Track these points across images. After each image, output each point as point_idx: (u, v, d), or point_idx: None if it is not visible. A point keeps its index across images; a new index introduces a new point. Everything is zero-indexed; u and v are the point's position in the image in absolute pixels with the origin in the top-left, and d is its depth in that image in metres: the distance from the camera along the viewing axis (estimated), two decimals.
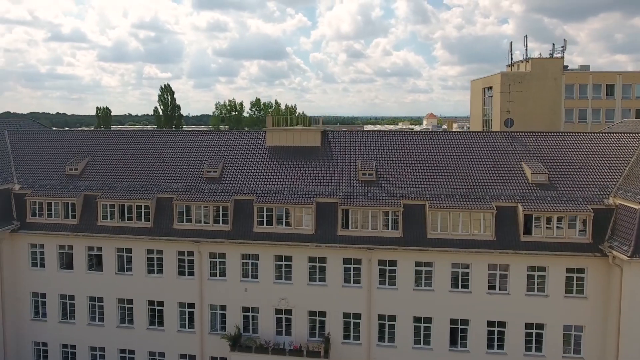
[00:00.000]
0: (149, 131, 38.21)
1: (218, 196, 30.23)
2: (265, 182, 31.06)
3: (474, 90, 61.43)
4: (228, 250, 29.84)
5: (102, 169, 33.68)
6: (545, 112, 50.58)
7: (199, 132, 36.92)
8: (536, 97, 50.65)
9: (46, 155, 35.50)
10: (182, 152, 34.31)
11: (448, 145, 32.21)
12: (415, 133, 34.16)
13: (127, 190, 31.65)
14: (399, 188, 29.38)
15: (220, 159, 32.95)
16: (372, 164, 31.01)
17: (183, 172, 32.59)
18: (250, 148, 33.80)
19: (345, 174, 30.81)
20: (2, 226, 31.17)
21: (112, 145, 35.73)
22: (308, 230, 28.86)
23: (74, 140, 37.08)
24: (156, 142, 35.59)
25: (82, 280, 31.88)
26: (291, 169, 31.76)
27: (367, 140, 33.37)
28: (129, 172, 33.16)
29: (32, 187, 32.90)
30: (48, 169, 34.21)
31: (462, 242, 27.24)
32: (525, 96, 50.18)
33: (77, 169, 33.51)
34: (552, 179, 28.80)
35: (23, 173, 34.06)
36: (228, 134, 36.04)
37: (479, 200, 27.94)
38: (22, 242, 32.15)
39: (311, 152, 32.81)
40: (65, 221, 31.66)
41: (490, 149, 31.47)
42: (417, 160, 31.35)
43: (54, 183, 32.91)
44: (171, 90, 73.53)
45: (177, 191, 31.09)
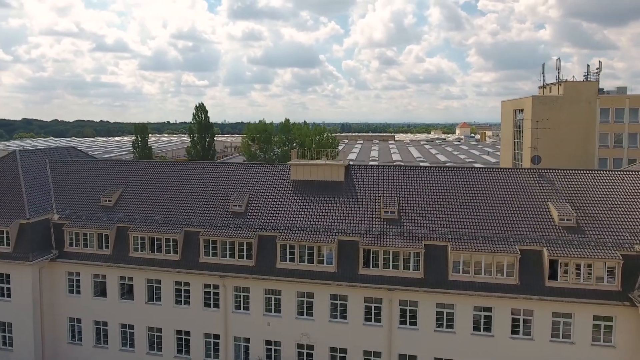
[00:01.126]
0: (179, 163, 39.07)
1: (243, 232, 30.65)
2: (288, 218, 31.28)
3: (504, 111, 59.90)
4: (252, 285, 30.20)
5: (134, 201, 34.74)
6: (578, 137, 48.80)
7: (226, 165, 37.59)
8: (569, 121, 48.95)
9: (83, 184, 36.90)
10: (210, 184, 34.98)
11: (472, 182, 31.56)
12: (439, 169, 33.61)
13: (157, 223, 32.53)
14: (421, 227, 28.99)
15: (245, 193, 33.41)
16: (395, 201, 30.73)
17: (210, 205, 33.22)
18: (275, 182, 34.12)
19: (367, 211, 30.65)
20: (42, 255, 32.65)
21: (144, 177, 36.79)
22: (330, 268, 28.89)
23: (109, 170, 38.39)
24: (185, 174, 36.40)
25: (114, 307, 32.93)
26: (314, 204, 31.86)
27: (390, 175, 33.08)
28: (159, 204, 34.06)
29: (69, 217, 34.28)
30: (85, 199, 35.54)
31: (485, 286, 26.60)
32: (558, 119, 48.66)
33: (111, 200, 34.70)
34: (580, 222, 27.77)
35: (61, 203, 35.52)
36: (254, 166, 36.46)
37: (503, 243, 27.23)
38: (60, 270, 33.50)
39: (334, 187, 32.82)
40: (99, 251, 32.84)
41: (516, 188, 30.64)
42: (441, 197, 30.86)
43: (90, 214, 34.18)
44: (205, 109, 75.08)
45: (204, 225, 31.74)
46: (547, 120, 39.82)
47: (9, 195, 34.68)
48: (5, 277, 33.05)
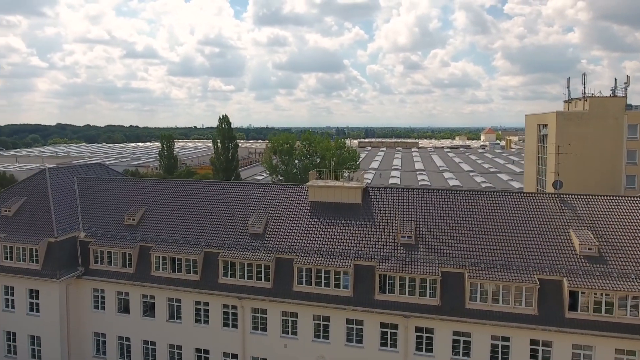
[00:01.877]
0: (200, 182, 39.67)
1: (261, 254, 30.90)
2: (305, 240, 31.37)
3: (528, 125, 58.67)
4: (269, 307, 30.38)
5: (156, 220, 35.42)
6: (605, 154, 47.38)
7: (245, 185, 37.91)
8: (595, 137, 47.60)
9: (109, 202, 37.82)
10: (230, 204, 35.40)
11: (491, 207, 31.00)
12: (457, 192, 33.06)
13: (178, 243, 33.09)
14: (438, 253, 28.67)
15: (264, 214, 33.67)
16: (412, 225, 30.47)
17: (229, 225, 33.60)
18: (293, 203, 34.28)
19: (384, 235, 30.48)
20: (69, 272, 33.62)
21: (167, 195, 37.47)
22: (346, 292, 28.84)
23: (133, 188, 39.26)
24: (206, 193, 36.92)
25: (137, 324, 33.62)
26: (331, 226, 31.87)
27: (408, 198, 32.80)
28: (181, 223, 34.63)
29: (95, 235, 35.19)
30: (110, 217, 36.43)
31: (503, 315, 26.11)
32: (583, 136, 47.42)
33: (135, 219, 35.47)
34: (603, 251, 26.99)
35: (88, 221, 36.50)
36: (273, 187, 36.74)
37: (522, 271, 26.68)
38: (86, 286, 34.40)
39: (352, 209, 32.76)
40: (123, 269, 33.61)
41: (537, 213, 29.95)
42: (458, 221, 30.44)
43: (114, 232, 35.02)
44: (228, 121, 76.08)
45: (223, 246, 32.13)
46: (569, 145, 38.67)
47: (39, 213, 35.84)
48: (34, 293, 34.14)
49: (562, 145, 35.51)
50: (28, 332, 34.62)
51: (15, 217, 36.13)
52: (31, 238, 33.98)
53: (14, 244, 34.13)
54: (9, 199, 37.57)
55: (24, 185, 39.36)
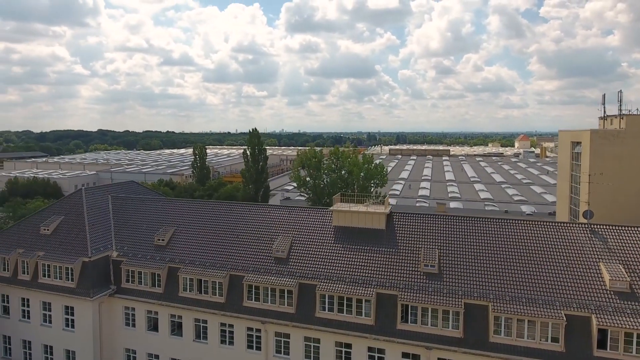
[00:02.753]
0: (227, 204, 40.14)
1: (284, 279, 31.11)
2: (329, 266, 31.39)
3: (562, 141, 56.74)
4: (292, 332, 30.53)
5: (185, 241, 36.20)
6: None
7: (271, 207, 38.20)
8: (632, 156, 45.60)
9: (140, 222, 38.93)
10: (256, 226, 35.81)
11: (518, 235, 30.22)
12: (482, 220, 32.30)
13: (204, 265, 33.71)
14: (462, 284, 28.13)
15: (288, 237, 33.90)
16: (435, 253, 30.04)
17: (254, 248, 33.98)
18: (317, 227, 34.37)
19: (407, 263, 30.16)
20: (102, 291, 34.78)
21: (195, 216, 38.26)
22: (368, 320, 28.68)
23: (163, 208, 40.24)
24: (233, 215, 37.49)
25: (165, 342, 34.39)
26: (354, 252, 31.79)
27: (432, 225, 32.37)
28: (208, 245, 35.29)
29: (127, 255, 36.25)
30: (141, 236, 37.48)
31: (528, 351, 25.35)
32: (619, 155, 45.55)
33: (164, 240, 36.36)
34: (635, 287, 25.85)
35: (120, 240, 37.66)
36: (297, 210, 36.84)
37: (548, 306, 25.84)
38: (118, 304, 35.47)
39: (376, 235, 32.58)
40: (152, 289, 34.50)
41: (565, 244, 28.98)
42: (483, 251, 29.80)
43: (145, 252, 35.99)
44: (258, 135, 77.12)
45: (247, 270, 32.54)
46: (602, 175, 37.10)
47: (75, 232, 37.24)
48: (70, 310, 35.45)
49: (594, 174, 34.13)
50: (64, 346, 35.97)
51: (53, 235, 37.66)
52: (67, 257, 35.33)
53: (51, 262, 35.57)
54: (47, 217, 39.21)
55: (61, 204, 40.98)
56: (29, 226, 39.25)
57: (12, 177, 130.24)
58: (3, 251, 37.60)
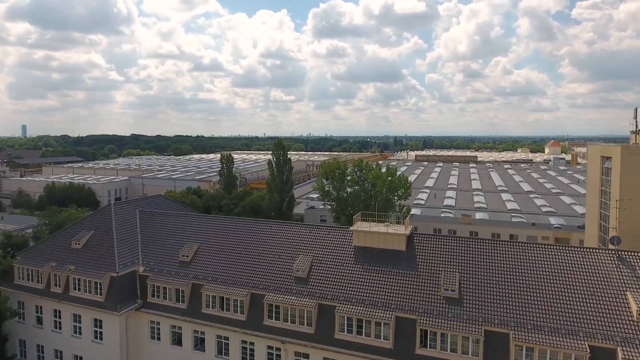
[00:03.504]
0: (249, 221, 40.59)
1: (304, 299, 31.19)
2: (348, 287, 31.30)
3: (591, 155, 54.92)
4: (311, 352, 30.55)
5: (208, 257, 36.75)
6: None
7: (292, 225, 38.36)
8: None
9: (166, 237, 39.76)
10: (277, 244, 36.06)
11: (541, 260, 29.45)
12: (505, 243, 31.61)
13: (227, 283, 34.13)
14: (482, 310, 27.57)
15: (309, 256, 34.00)
16: (456, 277, 29.57)
17: (276, 267, 34.20)
18: (338, 246, 34.34)
19: (427, 286, 29.79)
20: (128, 305, 35.64)
21: (219, 233, 38.82)
22: (386, 343, 28.44)
23: (188, 223, 40.98)
24: (255, 232, 37.87)
25: (188, 357, 34.92)
26: (374, 274, 31.60)
27: (452, 247, 31.88)
28: (230, 263, 35.73)
29: (152, 270, 37.06)
30: (166, 252, 38.25)
31: None
32: None
33: (188, 257, 37.02)
34: None
35: (147, 255, 38.52)
36: (318, 229, 36.90)
37: (572, 336, 25.05)
38: (144, 318, 36.26)
39: (396, 256, 32.31)
40: (176, 304, 35.15)
41: (591, 271, 28.05)
42: (505, 275, 29.14)
43: (169, 268, 36.71)
44: (283, 146, 77.71)
45: (268, 288, 32.79)
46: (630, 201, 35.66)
47: (104, 247, 38.31)
48: (98, 322, 36.46)
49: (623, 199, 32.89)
50: (92, 357, 36.99)
51: (84, 250, 38.85)
52: (96, 272, 36.37)
53: (81, 276, 36.68)
54: (79, 231, 40.48)
55: (92, 219, 42.24)
56: (61, 240, 40.62)
57: (50, 182, 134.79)
58: (37, 264, 39.02)
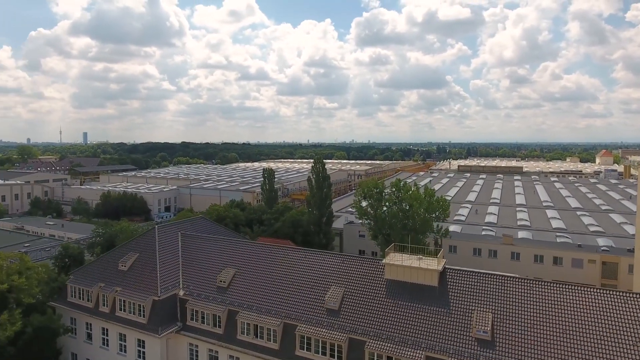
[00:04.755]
0: (285, 249, 40.93)
1: (335, 332, 31.14)
2: (379, 322, 30.96)
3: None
4: None
5: (244, 284, 37.41)
6: None
7: (326, 254, 38.39)
8: None
9: (205, 261, 40.86)
10: (310, 273, 36.23)
11: (579, 305, 27.99)
12: (541, 284, 30.21)
13: (261, 311, 34.62)
14: (515, 355, 26.51)
15: (341, 287, 33.94)
16: (489, 317, 28.61)
17: (308, 297, 34.35)
18: (369, 279, 34.06)
19: (458, 326, 28.98)
20: (169, 327, 36.82)
21: (255, 258, 39.47)
22: None
23: (227, 248, 41.93)
24: (290, 260, 38.21)
25: None
26: (405, 310, 31.09)
27: (486, 285, 30.87)
28: (265, 290, 36.24)
29: (192, 294, 38.13)
30: (205, 276, 39.29)
31: None
32: None
33: (225, 282, 37.85)
34: None
35: (187, 279, 39.69)
36: (351, 259, 36.74)
37: None
38: (183, 341, 37.32)
39: (428, 292, 31.66)
40: (213, 329, 36.00)
41: (632, 321, 26.39)
42: (540, 318, 27.90)
43: (207, 293, 37.65)
44: (322, 162, 78.17)
45: (300, 319, 32.97)
46: None
47: (147, 270, 39.82)
48: (141, 343, 37.87)
49: None
50: None
51: (129, 272, 40.54)
52: (139, 294, 37.84)
53: (126, 298, 38.28)
54: (125, 253, 42.31)
55: (138, 242, 44.00)
56: (110, 261, 42.57)
57: (106, 191, 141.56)
58: (87, 284, 41.08)
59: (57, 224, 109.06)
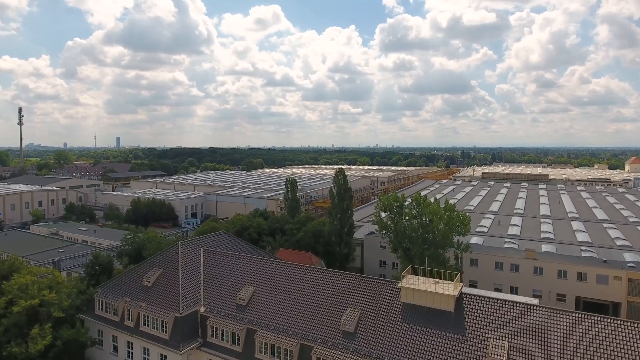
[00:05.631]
0: (303, 267, 40.96)
1: (351, 356, 31.02)
2: (394, 347, 30.67)
3: None
4: None
5: (263, 302, 37.68)
6: None
7: (342, 275, 38.26)
8: None
9: (225, 278, 41.32)
10: (327, 293, 36.19)
11: (600, 336, 27.06)
12: (560, 313, 29.31)
13: (278, 331, 34.79)
14: None
15: (357, 310, 33.80)
16: (504, 346, 27.98)
17: (325, 318, 34.32)
18: (385, 301, 33.79)
19: (474, 353, 28.43)
20: (190, 344, 37.41)
21: (274, 277, 39.69)
22: None
23: (247, 265, 42.29)
24: (308, 279, 38.27)
25: None
26: (421, 335, 30.71)
27: (503, 313, 30.19)
28: (283, 310, 36.39)
29: (212, 311, 38.64)
30: (225, 293, 39.74)
31: None
32: None
33: (244, 300, 38.21)
34: None
35: (208, 296, 40.23)
36: (367, 280, 36.51)
37: None
38: (204, 357, 37.80)
39: (443, 317, 31.20)
40: (232, 346, 36.38)
41: None
42: (559, 349, 27.12)
43: (227, 311, 38.08)
44: (344, 174, 78.28)
45: (316, 340, 32.99)
46: None
47: (170, 286, 40.56)
48: (163, 357, 38.52)
49: None
50: None
51: (153, 287, 41.37)
52: (162, 311, 38.57)
53: (149, 313, 39.08)
54: (150, 269, 43.22)
55: (162, 257, 44.84)
56: (135, 276, 43.56)
57: (136, 197, 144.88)
58: (114, 298, 42.14)
59: (89, 230, 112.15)
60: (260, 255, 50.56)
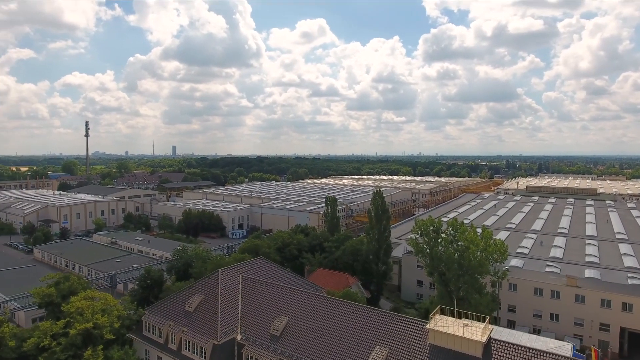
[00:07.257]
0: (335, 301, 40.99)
1: None
2: None
3: None
4: None
5: (295, 334, 38.12)
6: None
7: (372, 311, 38.05)
8: None
9: (261, 306, 42.15)
10: (357, 329, 36.14)
11: None
12: None
13: None
14: None
15: (384, 349, 33.52)
16: None
17: (354, 355, 34.23)
18: (413, 342, 33.32)
19: None
20: None
21: (307, 308, 40.08)
22: None
23: (281, 295, 42.94)
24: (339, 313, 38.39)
25: None
26: None
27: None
28: (313, 343, 36.63)
29: (248, 340, 39.56)
30: (260, 322, 40.52)
31: None
32: None
33: (278, 331, 38.84)
34: None
35: (245, 324, 41.19)
36: (396, 318, 36.15)
37: None
38: None
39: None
40: None
41: None
42: None
43: (262, 341, 38.83)
44: (382, 196, 77.85)
45: None
46: None
47: (210, 313, 41.89)
48: None
49: None
50: None
51: (195, 313, 42.88)
52: (202, 337, 39.89)
53: (190, 339, 40.55)
54: (192, 294, 44.84)
55: (203, 283, 46.37)
56: (179, 301, 45.32)
57: (187, 208, 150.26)
58: (159, 321, 44.03)
59: (144, 240, 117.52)
60: (297, 280, 51.32)
